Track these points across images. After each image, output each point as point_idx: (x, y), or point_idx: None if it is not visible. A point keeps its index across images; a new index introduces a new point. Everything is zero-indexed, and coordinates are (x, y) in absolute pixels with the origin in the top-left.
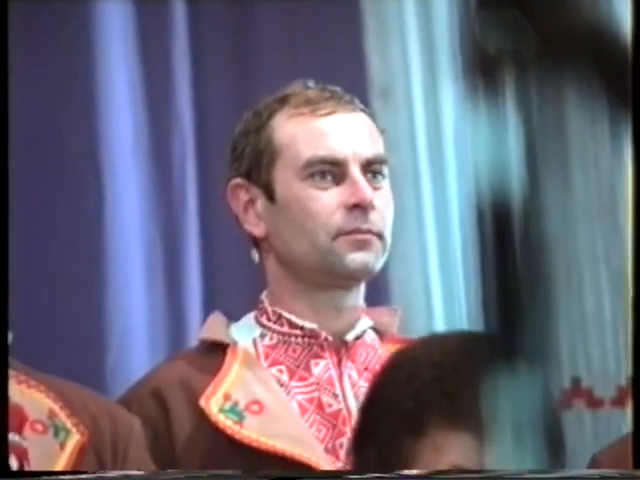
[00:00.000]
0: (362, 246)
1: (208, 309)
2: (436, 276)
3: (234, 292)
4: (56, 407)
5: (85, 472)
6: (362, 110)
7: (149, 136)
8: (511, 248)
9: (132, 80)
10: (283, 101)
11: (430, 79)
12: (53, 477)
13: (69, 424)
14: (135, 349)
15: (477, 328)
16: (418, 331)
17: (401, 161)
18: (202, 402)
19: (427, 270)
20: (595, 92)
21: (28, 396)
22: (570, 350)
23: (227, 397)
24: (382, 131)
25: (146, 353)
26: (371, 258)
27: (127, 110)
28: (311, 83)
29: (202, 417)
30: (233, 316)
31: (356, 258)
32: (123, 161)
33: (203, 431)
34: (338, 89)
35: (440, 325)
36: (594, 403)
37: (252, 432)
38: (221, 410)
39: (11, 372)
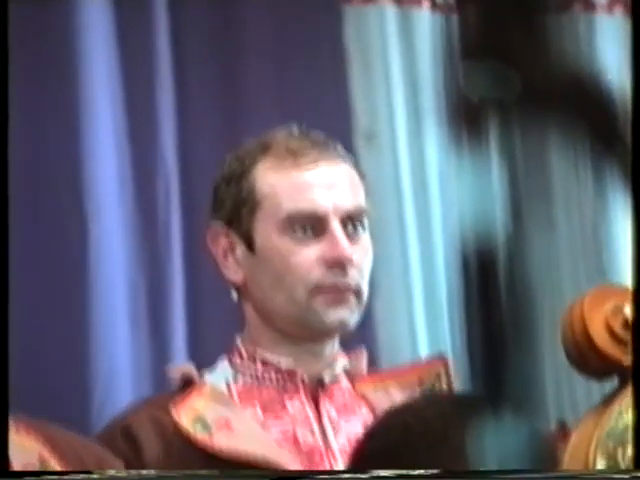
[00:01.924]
0: (339, 302)
1: (192, 351)
2: (421, 320)
3: (219, 334)
4: (45, 452)
5: (86, 472)
6: (344, 159)
7: (133, 178)
8: (496, 292)
9: (117, 119)
10: (265, 149)
11: (415, 123)
12: (53, 477)
13: (59, 468)
14: (120, 391)
15: (462, 371)
16: None
17: (386, 204)
18: (174, 413)
19: (412, 311)
20: (578, 137)
21: (18, 442)
22: (556, 393)
23: (196, 413)
24: (363, 176)
25: (131, 395)
26: (347, 314)
27: (112, 151)
28: (294, 129)
29: (175, 432)
30: (216, 356)
31: (332, 315)
32: (107, 203)
33: (176, 446)
34: (321, 136)
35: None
36: None
37: (222, 445)
38: (193, 422)
39: None
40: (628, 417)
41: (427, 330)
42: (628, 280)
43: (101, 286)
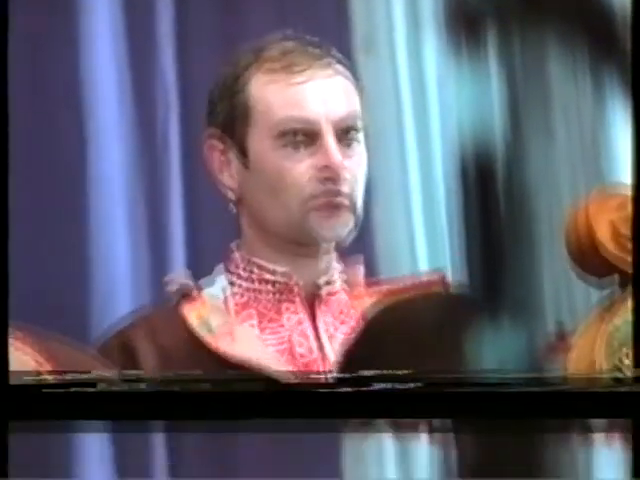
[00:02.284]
0: (333, 213)
1: (191, 260)
2: (420, 224)
3: (217, 243)
4: (42, 359)
5: (78, 372)
6: (339, 64)
7: (132, 86)
8: (494, 198)
9: (116, 26)
10: (259, 58)
11: (414, 32)
12: (53, 479)
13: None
14: (119, 300)
15: (461, 276)
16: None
17: (384, 113)
18: (184, 309)
19: (411, 218)
20: (576, 44)
21: (15, 356)
22: (554, 296)
23: (202, 316)
24: (359, 85)
25: (130, 304)
26: (341, 227)
27: (110, 63)
28: (289, 34)
29: (182, 329)
30: (214, 263)
31: (327, 228)
32: (106, 112)
33: (183, 341)
34: (315, 41)
35: (424, 272)
36: None
37: (226, 349)
38: (199, 323)
39: None
40: (631, 317)
41: (426, 237)
42: (627, 184)
43: (100, 197)
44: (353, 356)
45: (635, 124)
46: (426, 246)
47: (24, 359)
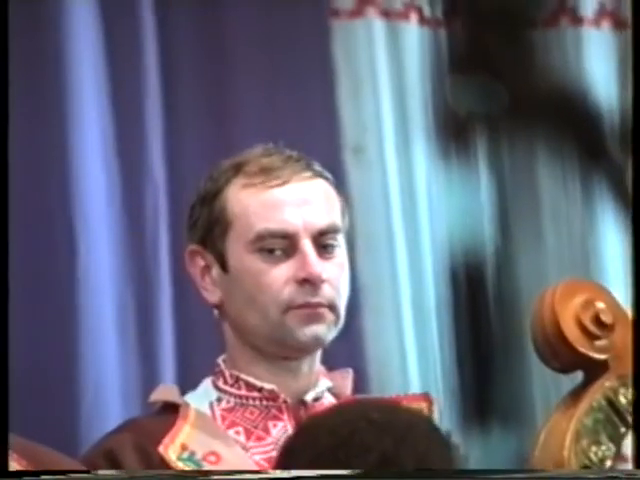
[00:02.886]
0: (313, 320)
1: (181, 363)
2: (410, 332)
3: (208, 352)
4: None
5: (85, 472)
6: (319, 175)
7: (122, 192)
8: (484, 305)
9: (105, 135)
10: (237, 168)
11: (403, 137)
12: (53, 477)
13: None
14: (108, 403)
15: (451, 384)
16: (393, 386)
17: (374, 218)
18: (161, 449)
19: (402, 327)
20: (565, 151)
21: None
22: (544, 404)
23: (184, 447)
24: (342, 193)
25: (119, 407)
26: (322, 330)
27: (100, 166)
28: (269, 147)
29: (161, 466)
30: (203, 372)
31: (307, 332)
32: (96, 216)
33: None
34: (295, 154)
35: (415, 380)
36: None
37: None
38: (179, 459)
39: None
40: (600, 414)
41: (416, 345)
42: (617, 291)
43: (89, 302)
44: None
45: (635, 236)
46: (417, 355)
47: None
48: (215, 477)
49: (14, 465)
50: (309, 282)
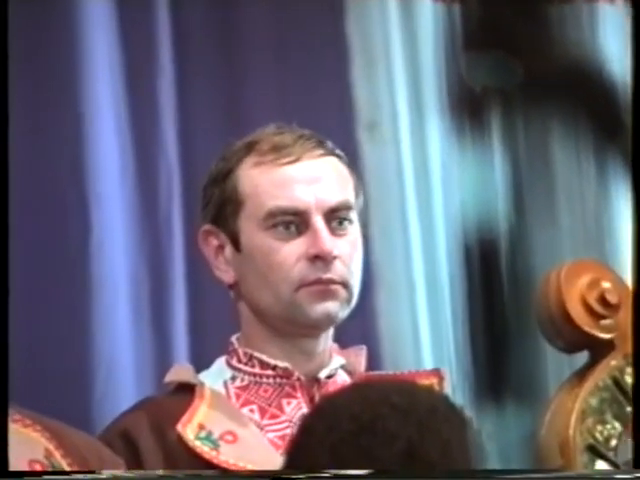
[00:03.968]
0: (324, 296)
1: (195, 341)
2: (424, 309)
3: (221, 328)
4: (51, 447)
5: (89, 472)
6: (331, 153)
7: (135, 170)
8: (498, 282)
9: (118, 110)
10: (249, 147)
11: (417, 113)
12: (53, 477)
13: (64, 464)
14: (121, 381)
15: (464, 361)
16: (406, 363)
17: (388, 193)
18: (179, 427)
19: (415, 304)
20: (580, 127)
21: (25, 435)
22: (557, 382)
23: (201, 427)
24: (354, 172)
25: (132, 385)
26: (334, 307)
27: (113, 139)
28: (281, 126)
29: (179, 444)
30: (216, 351)
31: (318, 309)
32: (109, 190)
33: (180, 458)
34: (307, 132)
35: (428, 357)
36: None
37: (229, 458)
38: (197, 437)
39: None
40: (605, 393)
41: (429, 323)
42: (628, 271)
43: (102, 280)
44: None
45: (636, 210)
46: (430, 332)
47: (33, 436)
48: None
49: (45, 443)
50: (320, 259)
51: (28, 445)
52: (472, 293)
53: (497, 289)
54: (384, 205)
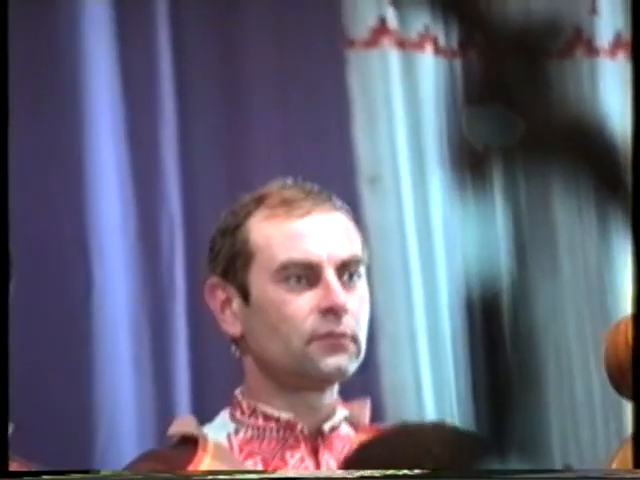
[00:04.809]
0: (336, 350)
1: (197, 393)
2: (426, 363)
3: (222, 379)
4: None
5: (84, 472)
6: (339, 208)
7: (137, 220)
8: (500, 336)
9: (120, 164)
10: (259, 201)
11: (418, 168)
12: (53, 477)
13: None
14: (123, 434)
15: (467, 415)
16: (408, 415)
17: (390, 249)
18: None
19: (417, 357)
20: (581, 182)
21: None
22: (561, 437)
23: None
24: (361, 225)
25: (134, 439)
26: (345, 361)
27: (115, 193)
28: (289, 181)
29: None
30: (220, 408)
31: (330, 362)
32: (111, 244)
33: None
34: (315, 187)
35: (430, 411)
36: None
37: None
38: None
39: (14, 464)
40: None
41: (432, 376)
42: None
43: (105, 332)
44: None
45: (637, 264)
46: (432, 384)
47: None
48: (219, 477)
49: None
50: (333, 312)
51: None
52: (474, 346)
53: (499, 342)
54: (386, 258)
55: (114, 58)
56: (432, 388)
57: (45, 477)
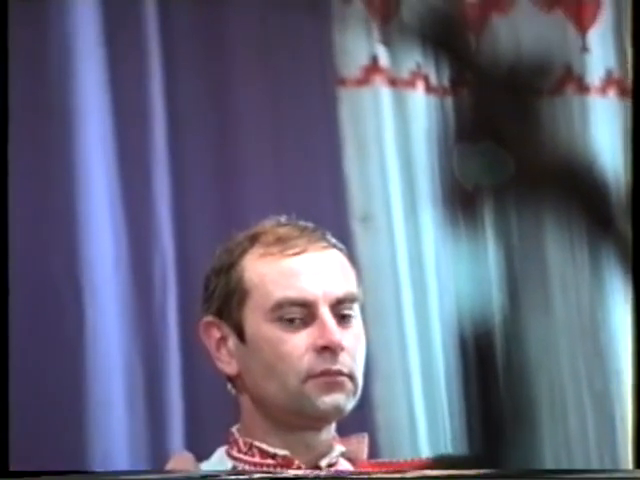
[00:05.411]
0: (332, 388)
1: (190, 438)
2: (420, 401)
3: (217, 422)
4: None
5: (84, 472)
6: (334, 246)
7: (130, 260)
8: (494, 372)
9: (113, 199)
10: (253, 239)
11: (410, 206)
12: (53, 477)
13: None
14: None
15: (461, 451)
16: (402, 455)
17: (382, 286)
18: None
19: (411, 395)
20: (573, 220)
21: None
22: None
23: None
24: (355, 263)
25: None
26: (342, 399)
27: (108, 229)
28: (283, 219)
29: None
30: (214, 447)
31: (327, 400)
32: (103, 280)
33: None
34: (310, 225)
35: (424, 449)
36: None
37: None
38: None
39: None
40: None
41: (426, 413)
42: (627, 362)
43: (97, 369)
44: None
45: (635, 300)
46: (427, 422)
47: None
48: (222, 478)
49: None
50: (329, 350)
51: None
52: (467, 382)
53: (492, 378)
54: (379, 295)
55: (105, 82)
56: (426, 424)
57: (45, 477)
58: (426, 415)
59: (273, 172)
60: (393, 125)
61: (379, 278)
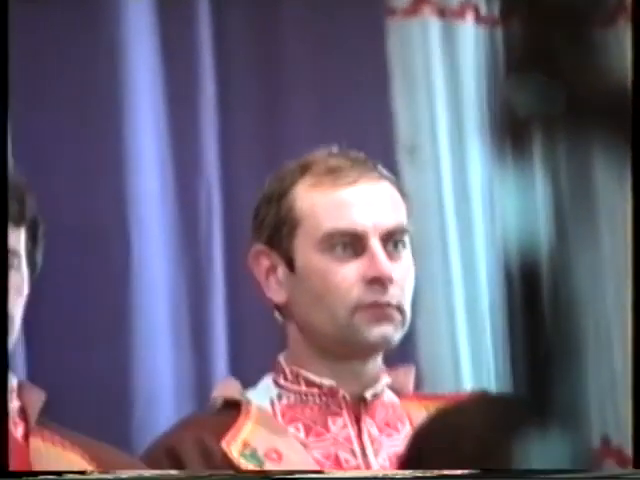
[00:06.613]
0: (381, 320)
1: (235, 367)
2: (464, 334)
3: (261, 351)
4: (92, 468)
5: (82, 472)
6: (385, 177)
7: (175, 192)
8: (540, 308)
9: (159, 131)
10: (305, 169)
11: (458, 138)
12: (53, 477)
13: None
14: (161, 408)
15: (505, 387)
16: (445, 389)
17: (428, 220)
18: (223, 445)
19: (455, 328)
20: (622, 153)
21: (66, 458)
22: (599, 409)
23: (246, 444)
24: (405, 195)
25: (172, 412)
26: (390, 331)
27: (153, 161)
28: (335, 149)
29: (224, 461)
30: (258, 375)
31: (375, 332)
32: (149, 217)
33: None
34: (361, 155)
35: (467, 383)
36: (624, 462)
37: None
38: (241, 455)
39: (46, 433)
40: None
41: (470, 347)
42: None
43: (143, 303)
44: (402, 462)
45: None
46: (470, 357)
47: (72, 458)
48: (239, 475)
49: (87, 465)
50: (378, 282)
51: (69, 468)
52: (513, 317)
53: (538, 312)
54: (424, 229)
55: (154, 26)
56: (469, 359)
57: (45, 477)
58: (470, 349)
59: (319, 105)
60: (441, 56)
61: (425, 210)
